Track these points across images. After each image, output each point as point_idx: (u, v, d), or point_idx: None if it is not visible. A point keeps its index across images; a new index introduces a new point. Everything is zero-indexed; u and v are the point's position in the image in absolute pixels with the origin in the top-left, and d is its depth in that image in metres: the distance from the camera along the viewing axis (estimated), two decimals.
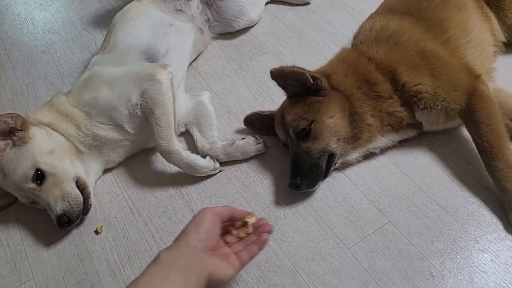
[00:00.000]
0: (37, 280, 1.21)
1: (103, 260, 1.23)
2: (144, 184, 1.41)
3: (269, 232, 1.04)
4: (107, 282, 1.19)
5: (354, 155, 1.35)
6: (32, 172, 1.23)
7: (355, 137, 1.31)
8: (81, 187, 1.30)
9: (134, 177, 1.43)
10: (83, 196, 1.28)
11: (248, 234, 1.03)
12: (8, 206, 1.37)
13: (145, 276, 0.84)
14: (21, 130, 1.26)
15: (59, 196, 1.24)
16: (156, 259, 0.87)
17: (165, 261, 0.86)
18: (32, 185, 1.23)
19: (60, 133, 1.33)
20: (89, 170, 1.37)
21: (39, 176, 1.24)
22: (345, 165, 1.37)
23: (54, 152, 1.28)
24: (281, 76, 1.30)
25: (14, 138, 1.26)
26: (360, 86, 1.33)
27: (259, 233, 1.03)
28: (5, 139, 1.26)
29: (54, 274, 1.22)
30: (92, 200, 1.32)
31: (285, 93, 1.38)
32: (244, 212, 1.05)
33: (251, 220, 1.04)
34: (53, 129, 1.33)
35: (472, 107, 1.25)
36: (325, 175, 1.30)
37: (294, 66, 1.29)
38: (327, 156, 1.27)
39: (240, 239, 1.03)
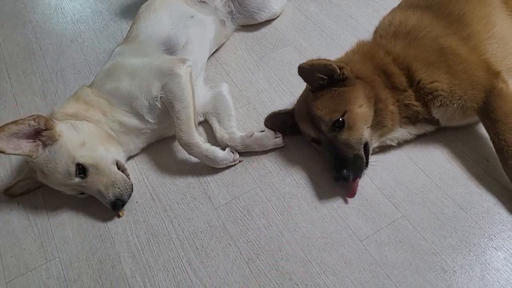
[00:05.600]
0: (62, 258, 1.28)
1: (123, 243, 1.29)
2: (164, 171, 1.46)
3: None
4: (127, 263, 1.25)
5: (375, 144, 1.35)
6: (73, 168, 1.28)
7: (380, 124, 1.31)
8: (121, 169, 1.35)
9: (155, 164, 1.48)
10: None
11: None
12: (35, 190, 1.44)
13: None
14: (46, 129, 1.29)
15: (109, 184, 1.29)
16: None
17: None
18: (77, 179, 1.29)
19: (88, 120, 1.37)
20: (121, 153, 1.42)
21: (81, 170, 1.29)
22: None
23: (85, 143, 1.32)
24: (311, 70, 1.27)
25: (43, 138, 1.29)
26: (379, 74, 1.33)
27: None
28: (34, 141, 1.29)
29: (78, 253, 1.29)
30: (132, 180, 1.38)
31: (310, 88, 1.36)
32: None
33: None
34: (80, 118, 1.37)
35: (489, 106, 1.24)
36: (367, 164, 1.30)
37: (320, 59, 1.27)
38: (363, 145, 1.28)
39: None
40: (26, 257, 1.29)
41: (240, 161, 1.44)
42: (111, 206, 1.30)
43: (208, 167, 1.43)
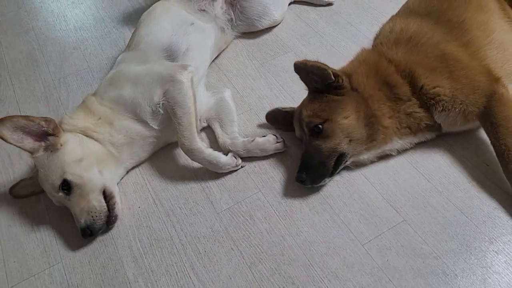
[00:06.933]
0: (64, 263, 1.28)
1: (126, 247, 1.30)
2: (167, 176, 1.47)
3: None
4: (130, 267, 1.25)
5: (366, 156, 1.37)
6: (59, 182, 1.28)
7: (370, 139, 1.33)
8: (108, 197, 1.33)
9: (158, 169, 1.49)
10: (108, 208, 1.32)
11: None
12: (40, 193, 1.44)
13: None
14: (52, 134, 1.31)
15: (85, 209, 1.28)
16: None
17: None
18: (61, 194, 1.29)
19: (94, 138, 1.38)
20: (117, 175, 1.42)
21: (67, 186, 1.28)
22: (357, 165, 1.39)
23: (83, 160, 1.32)
24: (304, 70, 1.32)
25: (47, 142, 1.31)
26: (381, 88, 1.35)
27: None
28: (39, 141, 1.31)
29: (80, 258, 1.29)
30: (118, 211, 1.34)
31: (306, 88, 1.41)
32: None
33: None
34: (87, 135, 1.37)
35: (490, 110, 1.26)
36: (332, 174, 1.33)
37: (318, 61, 1.31)
38: (336, 156, 1.30)
39: None
40: (29, 262, 1.29)
41: (242, 166, 1.45)
42: (80, 232, 1.28)
43: (210, 172, 1.44)
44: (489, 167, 1.35)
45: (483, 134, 1.39)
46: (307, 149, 1.32)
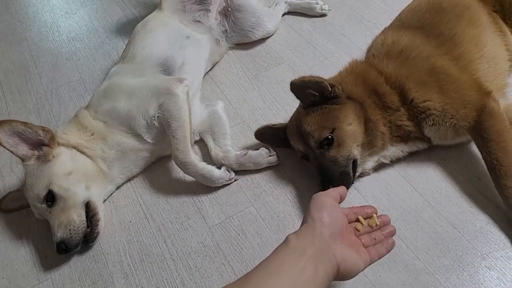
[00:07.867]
0: (54, 279, 1.27)
1: (116, 263, 1.29)
2: (158, 190, 1.46)
3: (393, 233, 1.07)
4: (120, 284, 1.24)
5: (369, 164, 1.37)
6: (44, 193, 1.27)
7: (371, 144, 1.33)
8: (91, 213, 1.32)
9: (149, 183, 1.48)
10: (91, 223, 1.30)
11: (376, 226, 1.05)
12: (28, 207, 1.42)
13: (276, 258, 0.85)
14: (47, 145, 1.32)
15: (63, 223, 1.26)
16: (286, 243, 0.88)
17: (294, 247, 0.86)
18: (43, 205, 1.28)
19: (86, 154, 1.37)
20: (105, 191, 1.40)
21: (50, 198, 1.27)
22: (361, 175, 1.38)
23: (72, 174, 1.31)
24: (302, 86, 1.30)
25: (40, 152, 1.31)
26: (369, 95, 1.35)
27: (385, 231, 1.06)
28: (32, 150, 1.32)
29: (70, 274, 1.27)
30: (101, 227, 1.32)
31: (302, 104, 1.39)
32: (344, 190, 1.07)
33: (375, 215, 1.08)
34: (79, 150, 1.37)
35: (481, 124, 1.26)
36: (352, 181, 1.32)
37: (312, 76, 1.30)
38: (351, 163, 1.30)
39: (370, 229, 1.04)
40: (18, 278, 1.28)
41: (235, 180, 1.44)
42: (56, 247, 1.26)
43: (202, 186, 1.43)
44: (481, 181, 1.34)
45: (475, 147, 1.39)
46: (323, 163, 1.28)
